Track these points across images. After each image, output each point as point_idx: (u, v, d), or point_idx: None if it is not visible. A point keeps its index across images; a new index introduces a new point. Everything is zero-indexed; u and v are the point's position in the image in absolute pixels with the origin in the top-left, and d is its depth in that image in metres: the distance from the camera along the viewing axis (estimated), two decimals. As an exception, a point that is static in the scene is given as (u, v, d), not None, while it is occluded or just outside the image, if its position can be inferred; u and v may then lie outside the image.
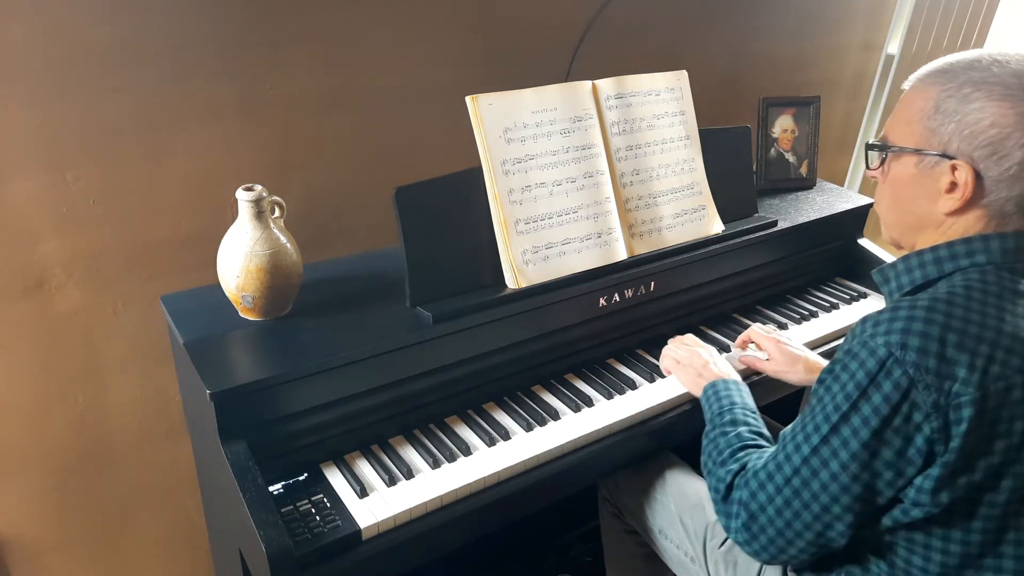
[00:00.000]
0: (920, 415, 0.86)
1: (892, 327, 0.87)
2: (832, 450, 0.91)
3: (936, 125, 0.92)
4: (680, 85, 1.49)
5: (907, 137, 0.96)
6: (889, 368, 0.86)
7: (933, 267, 0.95)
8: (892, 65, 2.41)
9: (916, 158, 0.95)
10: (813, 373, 1.34)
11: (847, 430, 0.90)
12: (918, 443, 0.87)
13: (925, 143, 0.94)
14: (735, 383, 1.23)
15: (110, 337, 1.41)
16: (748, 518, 0.98)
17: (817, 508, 0.92)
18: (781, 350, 1.38)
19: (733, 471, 1.04)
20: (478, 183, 1.28)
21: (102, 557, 1.57)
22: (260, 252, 1.17)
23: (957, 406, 0.85)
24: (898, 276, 0.99)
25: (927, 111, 0.93)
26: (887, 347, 0.87)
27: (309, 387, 1.11)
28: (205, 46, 1.33)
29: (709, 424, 1.17)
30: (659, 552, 1.38)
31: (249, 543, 1.02)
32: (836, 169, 2.60)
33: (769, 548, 0.98)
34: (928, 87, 0.94)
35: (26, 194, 1.25)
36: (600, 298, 1.37)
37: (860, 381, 0.89)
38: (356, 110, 1.52)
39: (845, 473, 0.90)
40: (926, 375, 0.85)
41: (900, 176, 0.98)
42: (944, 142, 0.91)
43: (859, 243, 1.81)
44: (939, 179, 0.93)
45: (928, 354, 0.85)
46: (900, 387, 0.86)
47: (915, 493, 0.89)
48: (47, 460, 1.43)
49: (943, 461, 0.86)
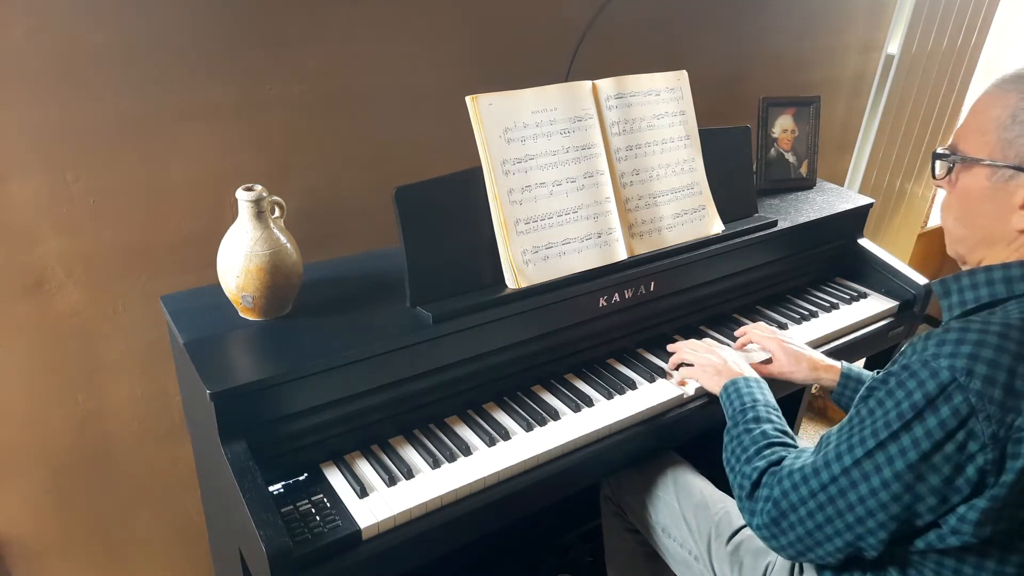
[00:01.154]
0: (976, 445, 0.82)
1: (959, 350, 0.83)
2: (875, 465, 0.88)
3: (1013, 136, 0.87)
4: (680, 85, 1.49)
5: (980, 147, 0.91)
6: (950, 393, 0.82)
7: (1003, 286, 0.90)
8: (892, 65, 2.41)
9: (989, 170, 0.90)
10: (818, 371, 1.34)
11: (894, 448, 0.87)
12: (969, 473, 0.83)
13: (1000, 155, 0.89)
14: (756, 380, 1.23)
15: (110, 337, 1.41)
16: (778, 515, 0.98)
17: (851, 519, 0.91)
18: (784, 349, 1.37)
19: (760, 468, 1.03)
20: (478, 183, 1.28)
21: (102, 557, 1.57)
22: (260, 252, 1.17)
23: (1017, 440, 0.81)
24: (962, 291, 0.94)
25: (1003, 120, 0.88)
26: (951, 371, 0.83)
27: (309, 387, 1.11)
28: (205, 46, 1.33)
29: (731, 421, 1.16)
30: (661, 551, 1.38)
31: (249, 543, 1.02)
32: (836, 169, 2.60)
33: (796, 545, 0.97)
34: (1006, 94, 0.89)
35: (26, 194, 1.25)
36: (600, 298, 1.37)
37: (916, 401, 0.85)
38: (356, 110, 1.52)
39: (885, 491, 0.87)
40: (989, 405, 0.81)
41: (970, 188, 0.93)
42: (1022, 155, 0.87)
43: (859, 243, 1.81)
44: (1014, 194, 0.88)
45: (995, 384, 0.81)
46: (959, 414, 0.82)
47: (956, 521, 0.87)
48: (47, 460, 1.43)
49: (992, 494, 0.84)
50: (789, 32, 2.17)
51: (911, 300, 1.70)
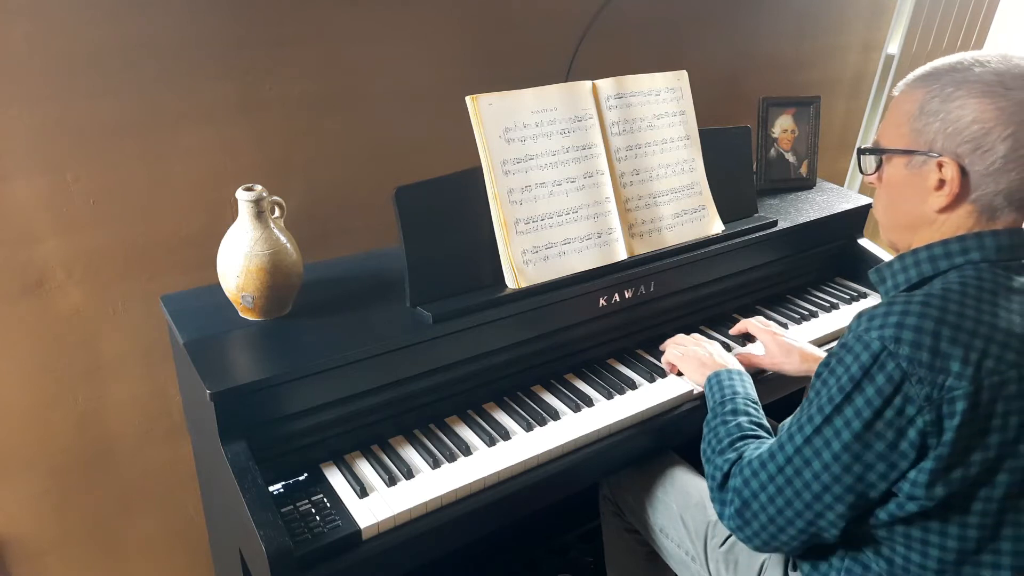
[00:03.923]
0: (913, 408, 0.87)
1: (887, 321, 0.89)
2: (824, 440, 0.93)
3: (922, 125, 0.95)
4: (680, 85, 1.49)
5: (896, 140, 0.99)
6: (883, 361, 0.88)
7: (928, 265, 0.97)
8: (892, 65, 2.41)
9: (906, 159, 0.98)
10: (808, 362, 1.37)
11: (839, 421, 0.91)
12: (911, 436, 0.88)
13: (913, 143, 0.96)
14: (739, 373, 1.25)
15: (110, 337, 1.41)
16: (741, 505, 1.01)
17: (808, 497, 0.94)
18: (776, 342, 1.41)
19: (731, 460, 1.06)
20: (478, 183, 1.28)
21: (102, 557, 1.57)
22: (260, 252, 1.17)
23: (951, 400, 0.86)
24: (894, 275, 1.01)
25: (913, 113, 0.96)
26: (881, 340, 0.88)
27: (309, 387, 1.11)
28: (205, 46, 1.33)
29: (711, 412, 1.19)
30: (660, 551, 1.38)
31: (249, 543, 1.02)
32: (836, 169, 2.60)
33: (761, 534, 1.00)
34: (914, 90, 0.97)
35: (26, 194, 1.25)
36: (600, 298, 1.37)
37: (854, 374, 0.90)
38: (356, 110, 1.52)
39: (836, 463, 0.92)
40: (919, 368, 0.86)
41: (893, 178, 1.01)
42: (930, 141, 0.94)
43: (859, 243, 1.81)
44: (928, 177, 0.95)
45: (922, 348, 0.86)
46: (893, 380, 0.87)
47: (909, 487, 0.90)
48: (47, 460, 1.43)
49: (936, 454, 0.87)
50: (789, 32, 2.17)
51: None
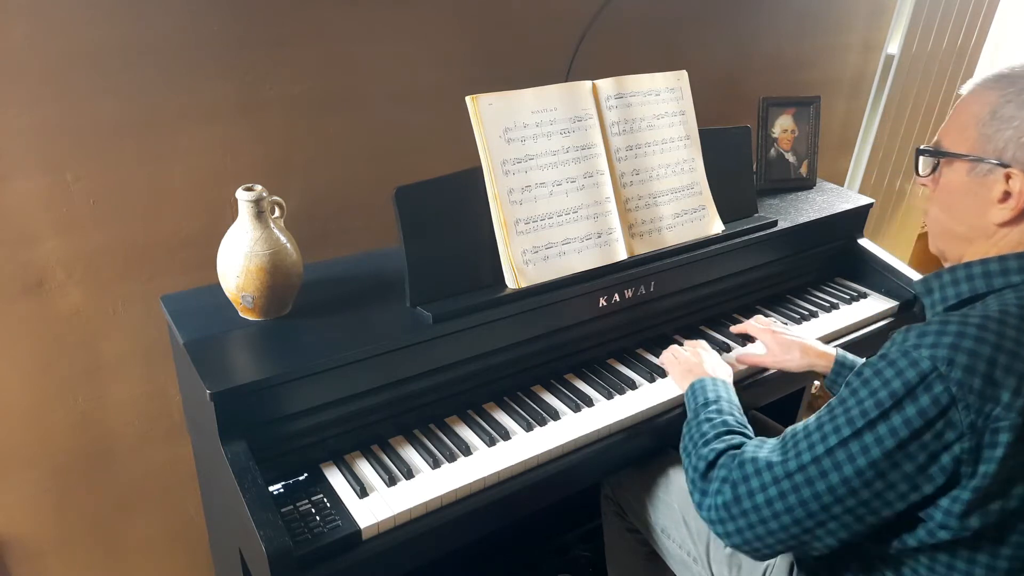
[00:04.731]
0: (953, 434, 0.83)
1: (940, 340, 0.84)
2: (849, 454, 0.87)
3: (992, 131, 0.89)
4: (680, 85, 1.49)
5: (960, 143, 0.93)
6: (931, 382, 0.83)
7: (982, 281, 0.91)
8: (892, 65, 2.41)
9: (969, 165, 0.91)
10: (809, 356, 1.36)
11: (870, 437, 0.86)
12: (943, 461, 0.84)
13: (979, 149, 0.90)
14: (723, 381, 1.24)
15: (110, 337, 1.41)
16: (732, 499, 0.96)
17: (815, 507, 0.90)
18: (776, 339, 1.40)
19: (718, 450, 1.03)
20: (478, 183, 1.28)
21: (102, 557, 1.57)
22: (260, 252, 1.17)
23: (995, 430, 0.82)
24: (943, 288, 0.95)
25: (983, 116, 0.90)
26: (932, 360, 0.83)
27: (309, 387, 1.11)
28: (205, 46, 1.33)
29: (691, 414, 1.17)
30: (661, 551, 1.38)
31: (249, 543, 1.02)
32: (836, 169, 2.60)
33: (744, 533, 0.95)
34: (986, 92, 0.90)
35: (26, 194, 1.25)
36: (600, 298, 1.37)
37: (895, 390, 0.85)
38: (356, 110, 1.52)
39: (858, 479, 0.87)
40: (969, 395, 0.82)
41: (951, 184, 0.95)
42: (999, 149, 0.88)
43: (859, 243, 1.81)
44: (992, 187, 0.89)
45: (975, 373, 0.82)
46: (939, 403, 0.82)
47: (943, 516, 0.87)
48: (47, 460, 1.43)
49: (974, 485, 0.84)
50: (789, 32, 2.17)
51: (911, 300, 1.70)
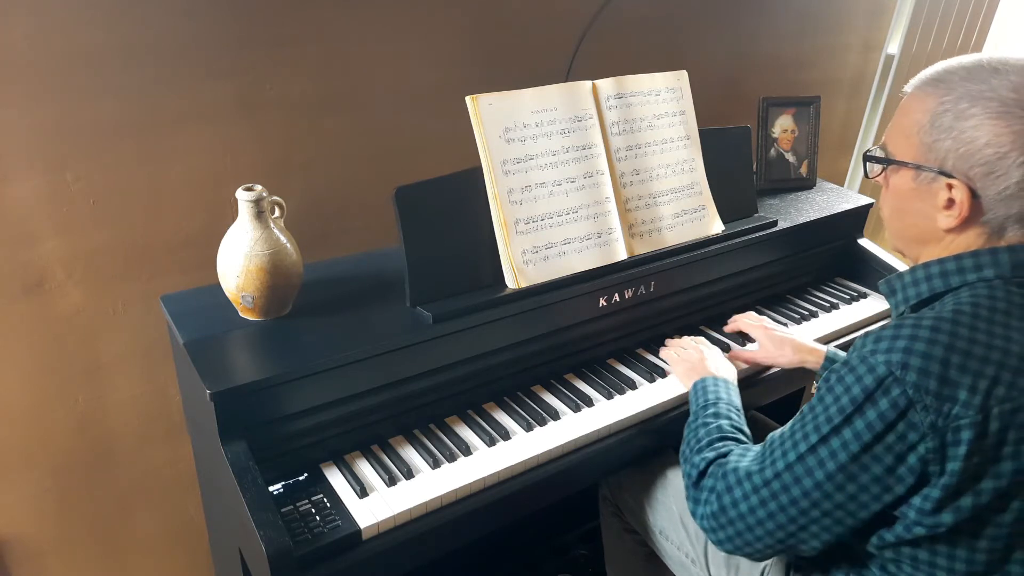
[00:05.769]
0: (916, 435, 0.84)
1: (894, 345, 0.86)
2: (818, 459, 0.90)
3: (932, 140, 0.90)
4: (680, 85, 1.49)
5: (905, 150, 0.94)
6: (887, 386, 0.85)
7: (940, 280, 0.93)
8: (892, 65, 2.41)
9: (914, 172, 0.94)
10: (801, 352, 1.37)
11: (836, 442, 0.89)
12: (910, 461, 0.85)
13: (922, 158, 0.92)
14: (724, 381, 1.24)
15: (110, 337, 1.41)
16: (718, 509, 1.00)
17: (794, 512, 0.93)
18: (769, 336, 1.41)
19: (708, 459, 1.05)
20: (478, 183, 1.28)
21: (102, 557, 1.57)
22: (260, 252, 1.17)
23: (956, 428, 0.83)
24: (904, 288, 0.98)
25: (924, 125, 0.91)
26: (887, 365, 0.85)
27: (309, 387, 1.11)
28: (205, 46, 1.33)
29: (692, 416, 1.19)
30: (659, 553, 1.38)
31: (249, 543, 1.02)
32: (836, 169, 2.60)
33: (734, 540, 0.99)
34: (926, 96, 0.92)
35: (26, 194, 1.25)
36: (600, 298, 1.37)
37: (855, 396, 0.87)
38: (356, 110, 1.52)
39: (829, 483, 0.90)
40: (925, 396, 0.83)
41: (899, 187, 0.97)
42: (940, 159, 0.90)
43: (859, 243, 1.81)
44: (937, 195, 0.91)
45: (929, 375, 0.83)
46: (897, 406, 0.84)
47: (916, 514, 0.88)
48: (47, 460, 1.43)
49: (943, 483, 0.85)
50: (789, 32, 2.17)
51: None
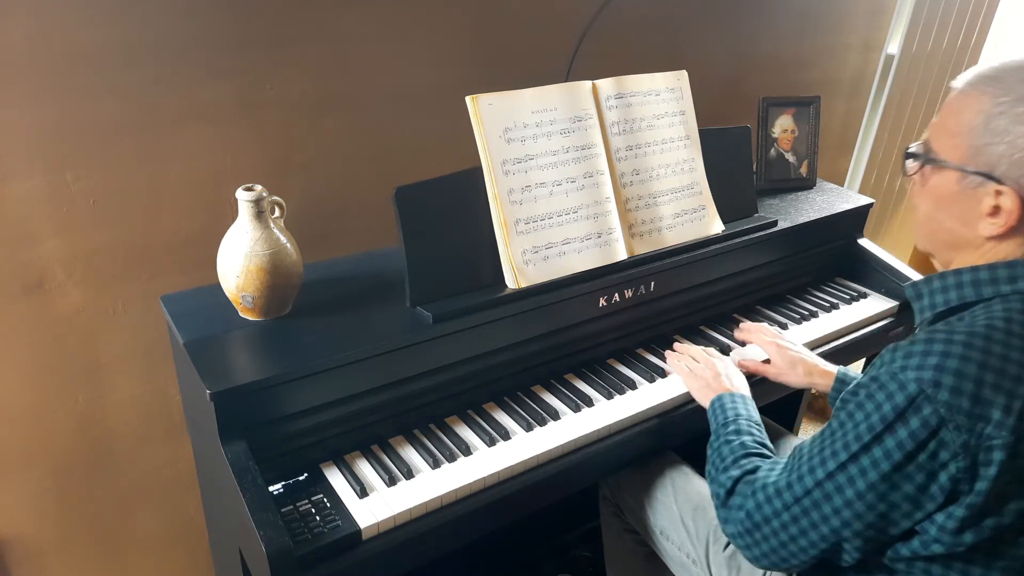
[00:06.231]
0: (947, 454, 0.82)
1: (925, 362, 0.83)
2: (849, 477, 0.88)
3: (984, 144, 0.85)
4: (680, 85, 1.49)
5: (951, 151, 0.90)
6: (919, 405, 0.82)
7: (971, 289, 0.89)
8: (892, 65, 2.41)
9: (959, 175, 0.89)
10: (812, 376, 1.35)
11: (867, 460, 0.87)
12: (941, 480, 0.83)
13: (971, 160, 0.87)
14: (742, 397, 1.23)
15: (110, 337, 1.41)
16: (752, 526, 0.98)
17: (826, 530, 0.91)
18: (782, 354, 1.37)
19: (735, 477, 1.04)
20: (478, 183, 1.28)
21: (102, 557, 1.57)
22: (260, 252, 1.17)
23: (988, 448, 0.81)
24: (932, 294, 0.94)
25: (975, 126, 0.86)
26: (918, 383, 0.82)
27: (309, 387, 1.11)
28: (205, 46, 1.33)
29: (714, 435, 1.17)
30: (660, 553, 1.38)
31: (249, 543, 1.02)
32: (836, 169, 2.60)
33: (770, 556, 0.98)
34: (980, 95, 0.87)
35: (26, 194, 1.25)
36: (600, 298, 1.37)
37: (886, 414, 0.85)
38: (356, 110, 1.52)
39: (860, 501, 0.88)
40: (958, 415, 0.81)
41: (939, 189, 0.92)
42: (991, 163, 0.85)
43: (859, 243, 1.81)
44: (981, 200, 0.87)
45: (962, 394, 0.81)
46: (929, 425, 0.82)
47: (937, 531, 0.87)
48: (47, 460, 1.43)
49: (968, 502, 0.83)
50: (789, 32, 2.17)
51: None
